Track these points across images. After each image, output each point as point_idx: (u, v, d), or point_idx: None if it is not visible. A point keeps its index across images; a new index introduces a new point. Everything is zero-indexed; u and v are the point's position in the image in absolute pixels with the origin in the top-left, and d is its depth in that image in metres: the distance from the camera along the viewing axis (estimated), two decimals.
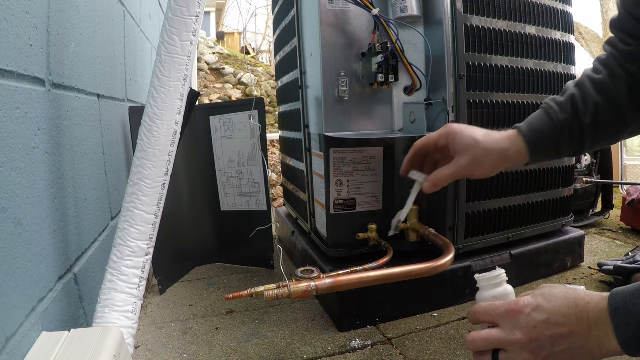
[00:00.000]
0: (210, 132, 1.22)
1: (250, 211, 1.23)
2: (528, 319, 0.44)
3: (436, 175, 0.66)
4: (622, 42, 0.61)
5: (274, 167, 3.29)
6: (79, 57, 0.68)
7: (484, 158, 0.63)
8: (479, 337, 0.47)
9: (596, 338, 0.40)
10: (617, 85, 0.60)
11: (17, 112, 0.45)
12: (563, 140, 0.63)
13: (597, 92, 0.61)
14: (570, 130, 0.62)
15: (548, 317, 0.43)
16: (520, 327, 0.44)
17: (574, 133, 0.62)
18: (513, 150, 0.63)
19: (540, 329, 0.43)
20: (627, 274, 1.00)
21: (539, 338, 0.43)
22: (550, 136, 0.63)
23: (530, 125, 0.64)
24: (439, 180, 0.66)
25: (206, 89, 4.67)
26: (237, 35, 9.07)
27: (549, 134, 0.63)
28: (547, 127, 0.63)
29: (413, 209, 0.95)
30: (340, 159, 0.93)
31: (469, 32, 0.91)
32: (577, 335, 0.41)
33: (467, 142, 0.64)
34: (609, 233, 1.54)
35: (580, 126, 0.62)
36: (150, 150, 0.55)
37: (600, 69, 0.63)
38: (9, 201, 0.43)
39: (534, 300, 0.45)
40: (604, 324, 0.40)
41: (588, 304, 0.42)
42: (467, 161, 0.63)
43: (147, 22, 1.36)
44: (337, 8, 0.88)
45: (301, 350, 0.82)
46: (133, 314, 0.53)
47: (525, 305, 0.44)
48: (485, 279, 0.51)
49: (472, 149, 0.63)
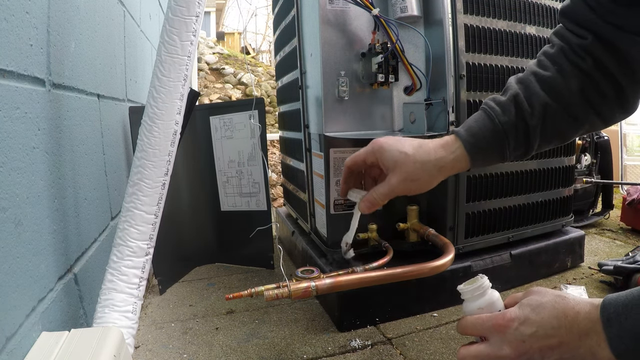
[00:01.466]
0: (210, 132, 1.22)
1: (250, 211, 1.23)
2: (516, 333, 0.43)
3: (371, 195, 0.61)
4: (574, 34, 0.56)
5: (274, 167, 3.29)
6: (79, 57, 0.68)
7: (417, 172, 0.58)
8: (469, 354, 0.46)
9: (588, 347, 0.40)
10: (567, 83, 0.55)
11: (17, 112, 0.45)
12: (507, 144, 0.58)
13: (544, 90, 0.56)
14: (515, 132, 0.57)
15: (536, 330, 0.42)
16: (509, 342, 0.43)
17: (519, 135, 0.57)
18: (450, 157, 0.58)
19: (529, 343, 0.42)
20: (627, 274, 1.00)
21: (527, 351, 0.42)
22: (492, 140, 0.58)
23: (469, 129, 0.59)
24: (375, 200, 0.61)
25: (206, 89, 4.67)
26: (237, 35, 9.07)
27: (490, 138, 0.58)
28: (488, 130, 0.58)
29: (413, 209, 0.95)
30: (340, 159, 0.93)
31: (469, 32, 0.91)
32: (567, 345, 0.41)
33: (395, 157, 0.58)
34: (609, 233, 1.54)
35: (526, 128, 0.57)
36: (150, 150, 0.55)
37: (548, 64, 0.57)
38: (9, 201, 0.43)
39: (521, 313, 0.43)
40: (596, 334, 0.39)
41: (578, 314, 0.41)
42: (398, 178, 0.58)
43: (147, 22, 1.36)
44: (337, 8, 0.88)
45: (301, 350, 0.82)
46: (133, 314, 0.53)
47: (511, 319, 0.43)
48: (469, 291, 0.49)
49: (403, 164, 0.58)
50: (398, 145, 0.59)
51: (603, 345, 0.39)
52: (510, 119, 0.57)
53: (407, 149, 0.58)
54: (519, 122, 0.57)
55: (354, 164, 0.65)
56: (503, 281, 1.02)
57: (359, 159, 0.63)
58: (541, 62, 0.59)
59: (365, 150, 0.63)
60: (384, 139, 0.61)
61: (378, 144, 0.61)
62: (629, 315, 0.37)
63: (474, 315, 0.48)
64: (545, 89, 0.56)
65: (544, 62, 0.58)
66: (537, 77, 0.57)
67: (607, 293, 1.02)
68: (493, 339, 0.45)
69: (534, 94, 0.57)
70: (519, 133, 0.57)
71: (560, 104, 0.56)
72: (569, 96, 0.56)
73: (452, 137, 0.59)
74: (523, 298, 0.46)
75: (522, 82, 0.58)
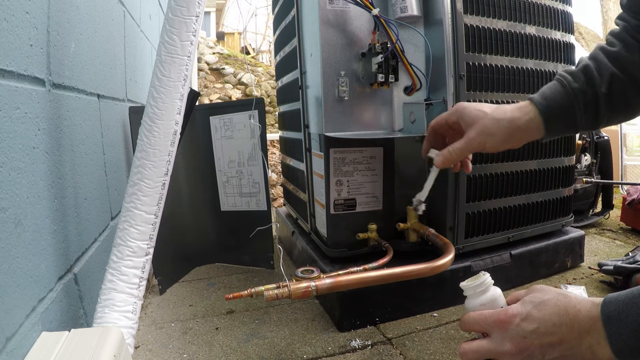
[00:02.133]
0: (210, 132, 1.22)
1: (250, 211, 1.23)
2: (517, 329, 0.43)
3: (447, 150, 0.66)
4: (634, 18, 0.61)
5: (274, 167, 3.29)
6: (79, 57, 0.68)
7: (493, 127, 0.62)
8: (470, 349, 0.47)
9: (588, 345, 0.40)
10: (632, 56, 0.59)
11: (17, 112, 0.45)
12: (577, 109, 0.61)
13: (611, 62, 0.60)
14: (585, 98, 0.61)
15: (537, 327, 0.42)
16: (510, 338, 0.43)
17: (588, 102, 0.61)
18: (524, 119, 0.61)
19: (530, 339, 0.42)
20: (627, 274, 1.00)
21: (528, 348, 0.42)
22: (564, 104, 0.61)
23: (543, 94, 0.62)
24: (450, 154, 0.65)
25: (206, 89, 4.67)
26: (237, 35, 9.07)
27: (563, 102, 0.61)
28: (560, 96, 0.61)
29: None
30: (340, 159, 0.93)
31: (469, 32, 0.91)
32: (567, 343, 0.41)
33: (475, 114, 0.63)
34: (609, 233, 1.54)
35: (595, 95, 0.60)
36: (150, 150, 0.55)
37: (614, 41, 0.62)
38: (9, 201, 0.43)
39: (522, 309, 0.44)
40: (596, 332, 0.39)
41: (579, 312, 0.41)
42: (476, 132, 0.62)
43: (147, 22, 1.36)
44: (337, 8, 0.88)
45: (301, 350, 0.82)
46: (133, 314, 0.53)
47: (513, 315, 0.44)
48: (471, 287, 0.50)
49: (480, 119, 0.62)
50: (478, 105, 0.64)
51: (603, 344, 0.39)
52: (581, 86, 0.61)
53: (485, 108, 0.63)
54: (589, 88, 0.61)
55: (436, 123, 0.70)
56: (503, 281, 1.02)
57: (442, 119, 0.69)
58: (608, 40, 0.63)
59: (448, 111, 0.68)
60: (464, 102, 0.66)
61: (460, 104, 0.66)
62: (629, 313, 0.38)
63: (476, 312, 0.48)
64: (612, 61, 0.61)
65: (610, 39, 0.63)
66: (605, 51, 0.62)
67: (607, 293, 1.02)
68: (494, 334, 0.45)
69: (603, 65, 0.61)
70: (588, 99, 0.61)
71: (627, 74, 0.60)
72: (633, 69, 0.59)
73: (527, 102, 0.63)
74: (525, 295, 0.46)
75: (591, 57, 0.63)
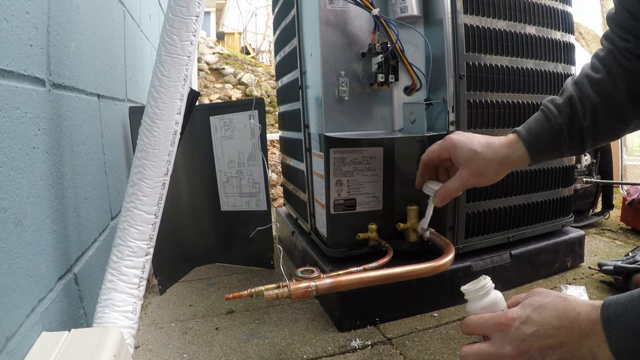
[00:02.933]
0: (210, 132, 1.22)
1: (250, 211, 1.23)
2: (517, 333, 0.43)
3: (444, 190, 0.70)
4: (620, 38, 0.60)
5: (274, 167, 3.29)
6: (79, 57, 0.68)
7: (485, 168, 0.65)
8: (471, 352, 0.47)
9: (588, 348, 0.40)
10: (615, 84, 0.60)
11: (17, 112, 0.45)
12: (563, 143, 0.63)
13: (595, 92, 0.61)
14: (570, 132, 0.63)
15: (537, 330, 0.43)
16: (510, 341, 0.44)
17: (573, 135, 0.63)
18: (514, 156, 0.65)
19: (530, 342, 0.43)
20: (627, 274, 1.00)
21: (528, 351, 0.43)
22: (550, 139, 0.64)
23: (530, 129, 0.65)
24: (447, 194, 0.70)
25: (206, 89, 4.67)
26: (237, 35, 9.06)
27: (548, 138, 0.63)
28: (546, 131, 0.63)
29: (413, 209, 0.95)
30: (340, 159, 0.93)
31: (469, 32, 0.91)
32: (567, 345, 0.41)
33: (466, 155, 0.66)
34: (609, 233, 1.54)
35: (580, 128, 0.62)
36: (150, 150, 0.55)
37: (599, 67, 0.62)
38: (9, 201, 0.43)
39: (522, 312, 0.44)
40: (596, 335, 0.39)
41: (579, 315, 0.41)
42: (469, 173, 0.66)
43: (147, 22, 1.36)
44: (337, 8, 0.88)
45: (301, 350, 0.82)
46: (133, 314, 0.53)
47: (513, 318, 0.44)
48: (472, 291, 0.51)
49: (473, 160, 0.65)
50: (468, 143, 0.66)
51: (603, 346, 0.39)
52: (566, 120, 0.63)
53: (476, 147, 0.66)
54: (574, 122, 0.62)
55: (429, 159, 0.73)
56: (503, 281, 1.02)
57: (434, 154, 0.72)
58: (593, 64, 0.64)
59: (439, 146, 0.71)
60: (456, 136, 0.69)
61: (451, 141, 0.68)
62: (629, 316, 0.38)
63: (476, 315, 0.48)
64: (596, 90, 0.61)
65: (595, 64, 0.63)
66: (589, 79, 0.63)
67: (607, 293, 1.02)
68: (495, 337, 0.45)
69: (586, 96, 0.62)
70: (573, 132, 0.63)
71: (609, 104, 0.61)
72: (617, 96, 0.60)
73: (515, 136, 0.66)
74: (525, 299, 0.46)
75: (576, 84, 0.64)
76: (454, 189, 0.69)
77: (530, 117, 0.67)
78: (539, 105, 0.67)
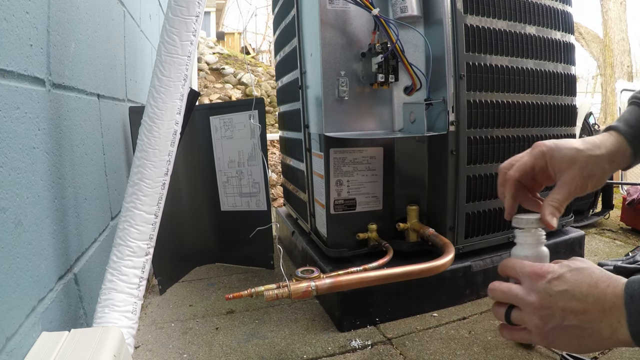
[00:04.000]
0: (210, 132, 1.22)
1: (250, 211, 1.23)
2: (547, 286, 0.44)
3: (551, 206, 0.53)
4: None
5: (274, 167, 3.29)
6: (79, 57, 0.68)
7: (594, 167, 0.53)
8: (499, 288, 0.48)
9: (608, 323, 0.40)
10: None
11: (17, 112, 0.45)
12: None
13: None
14: None
15: (566, 289, 0.42)
16: (537, 291, 0.44)
17: None
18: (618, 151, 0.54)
19: (555, 299, 0.43)
20: (627, 274, 1.00)
21: (551, 307, 0.43)
22: None
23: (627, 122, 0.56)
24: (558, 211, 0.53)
25: (206, 89, 4.67)
26: (237, 35, 9.06)
27: None
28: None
29: (413, 209, 0.96)
30: (340, 159, 0.93)
31: (469, 32, 0.91)
32: (590, 314, 0.41)
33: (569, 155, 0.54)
34: (609, 233, 1.54)
35: None
36: (150, 150, 0.55)
37: None
38: (9, 201, 0.43)
39: (558, 269, 0.44)
40: (617, 310, 0.39)
41: (607, 287, 0.41)
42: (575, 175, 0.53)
43: (147, 22, 1.36)
44: (337, 8, 0.88)
45: (301, 350, 0.82)
46: (133, 314, 0.53)
47: (547, 272, 0.44)
48: (523, 236, 0.52)
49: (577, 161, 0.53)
50: (565, 144, 0.55)
51: (622, 322, 0.38)
52: None
53: (577, 145, 0.54)
54: None
55: (522, 174, 0.56)
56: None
57: (527, 166, 0.56)
58: None
59: (532, 156, 0.56)
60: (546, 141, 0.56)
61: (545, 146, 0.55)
62: None
63: (517, 259, 0.49)
64: None
65: None
66: None
67: None
68: (525, 284, 0.46)
69: None
70: None
71: None
72: None
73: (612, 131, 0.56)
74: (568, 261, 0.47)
75: None
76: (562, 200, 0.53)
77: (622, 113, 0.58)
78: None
